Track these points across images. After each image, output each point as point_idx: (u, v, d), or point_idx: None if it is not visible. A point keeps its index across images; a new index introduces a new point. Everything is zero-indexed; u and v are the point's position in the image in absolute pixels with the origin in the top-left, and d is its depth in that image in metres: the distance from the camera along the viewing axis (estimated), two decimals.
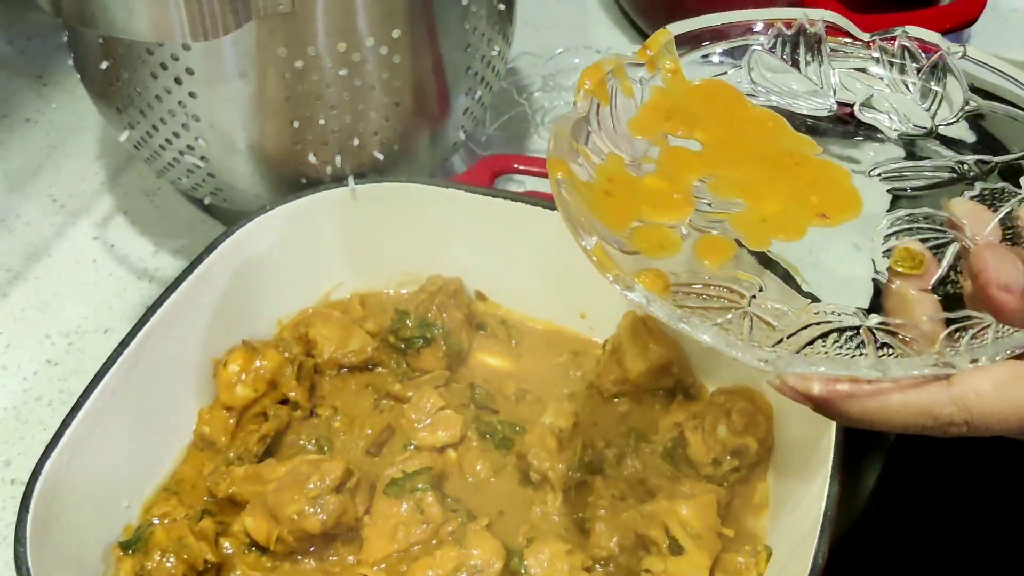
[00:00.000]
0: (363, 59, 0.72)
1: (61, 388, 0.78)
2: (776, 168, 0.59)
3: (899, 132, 0.61)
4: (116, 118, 0.77)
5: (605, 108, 0.60)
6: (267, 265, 0.75)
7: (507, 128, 0.99)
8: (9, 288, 0.84)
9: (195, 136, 0.74)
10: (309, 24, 0.69)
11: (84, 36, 0.75)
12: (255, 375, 0.71)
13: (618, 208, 0.56)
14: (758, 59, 0.64)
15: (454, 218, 0.77)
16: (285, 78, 0.71)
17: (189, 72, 0.71)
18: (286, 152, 0.75)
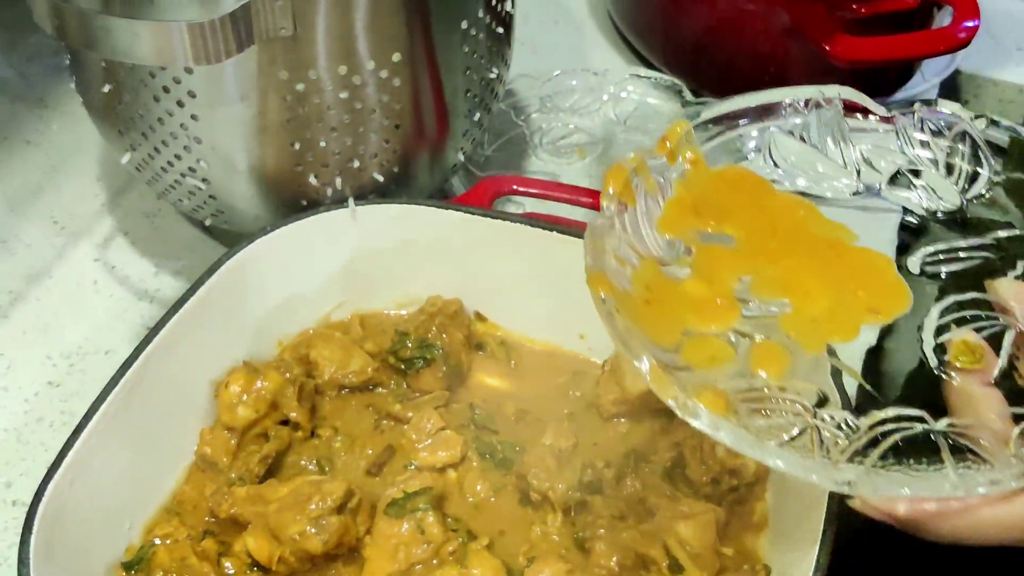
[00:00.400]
0: (363, 82, 0.73)
1: (62, 409, 0.78)
2: (816, 260, 0.57)
3: (929, 211, 0.60)
4: (118, 140, 0.78)
5: (632, 209, 0.59)
6: (268, 286, 0.75)
7: (505, 150, 0.99)
8: (10, 310, 0.85)
9: (196, 158, 0.75)
10: (310, 48, 0.70)
11: (86, 59, 0.75)
12: (256, 396, 0.71)
13: (661, 318, 0.55)
14: (777, 141, 0.62)
15: (453, 239, 0.78)
16: (286, 101, 0.72)
17: (191, 95, 0.71)
18: (287, 174, 0.75)
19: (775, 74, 0.97)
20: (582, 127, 1.02)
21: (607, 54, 1.12)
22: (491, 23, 0.78)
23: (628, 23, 1.10)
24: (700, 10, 0.98)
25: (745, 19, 0.95)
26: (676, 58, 1.04)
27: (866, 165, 0.62)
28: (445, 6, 0.74)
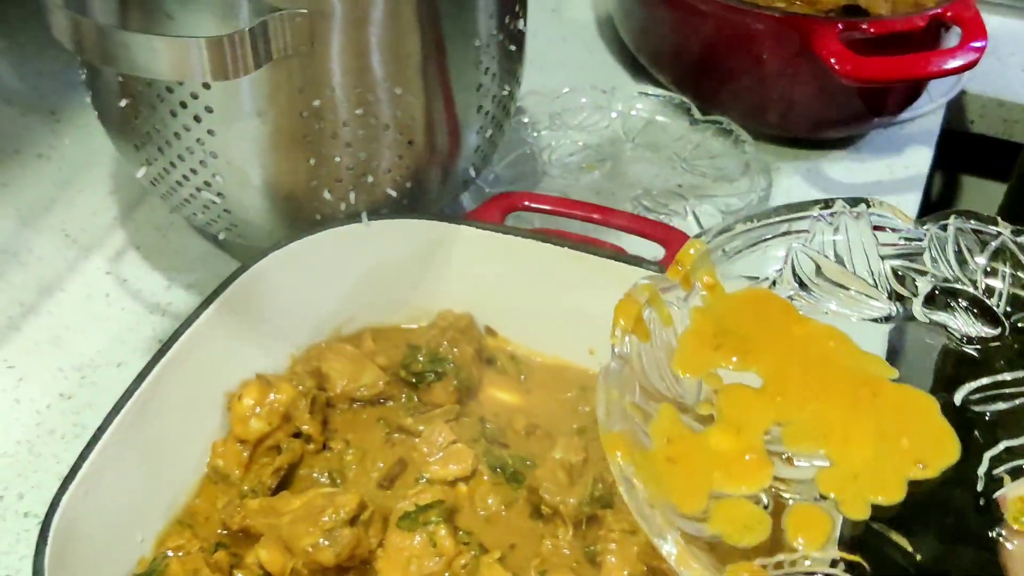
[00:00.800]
0: (378, 98, 0.73)
1: (74, 422, 0.78)
2: (853, 402, 0.52)
3: (969, 338, 0.54)
4: (133, 155, 0.78)
5: (647, 346, 0.54)
6: (280, 300, 0.76)
7: (514, 166, 1.00)
8: (22, 322, 0.85)
9: (212, 173, 0.75)
10: (326, 64, 0.70)
11: (103, 74, 0.76)
12: (269, 408, 0.71)
13: (686, 479, 0.49)
14: (801, 259, 0.57)
15: (465, 254, 0.78)
16: (302, 116, 0.72)
17: (208, 110, 0.72)
18: (301, 189, 0.76)
19: (783, 93, 0.98)
20: (591, 144, 1.03)
21: (616, 72, 1.13)
22: (504, 41, 0.79)
23: (636, 41, 1.11)
24: (708, 29, 0.98)
25: (754, 38, 0.95)
26: (685, 76, 1.05)
27: (899, 283, 0.57)
28: (459, 24, 0.74)
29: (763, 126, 1.02)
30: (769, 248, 0.58)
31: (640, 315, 0.55)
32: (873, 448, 0.50)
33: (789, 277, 0.57)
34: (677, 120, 1.04)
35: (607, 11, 1.19)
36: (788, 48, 0.94)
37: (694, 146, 1.01)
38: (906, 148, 1.05)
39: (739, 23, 0.96)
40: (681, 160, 1.01)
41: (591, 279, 0.77)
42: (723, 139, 1.01)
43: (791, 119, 1.01)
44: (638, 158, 1.02)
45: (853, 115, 1.01)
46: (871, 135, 1.06)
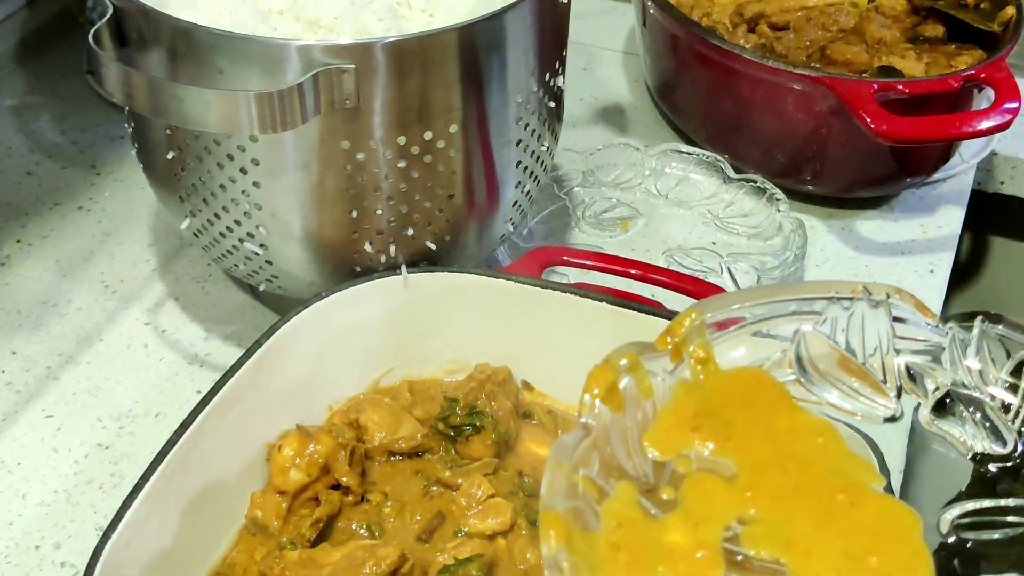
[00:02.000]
0: (421, 152, 0.74)
1: (112, 472, 0.79)
2: (827, 510, 0.48)
3: (975, 454, 0.51)
4: (177, 207, 0.79)
5: (618, 417, 0.50)
6: (320, 351, 0.76)
7: (548, 222, 1.01)
8: (61, 372, 0.86)
9: (256, 224, 0.76)
10: (371, 118, 0.71)
11: (150, 127, 0.77)
12: (309, 460, 0.71)
13: (628, 570, 0.46)
14: (808, 342, 0.53)
15: (503, 308, 0.79)
16: (346, 169, 0.73)
17: (254, 163, 0.73)
18: (343, 241, 0.77)
19: (817, 152, 0.99)
20: (624, 201, 1.03)
21: (648, 129, 1.14)
22: (544, 97, 0.80)
23: (668, 99, 1.12)
24: (742, 88, 0.99)
25: (788, 97, 0.96)
26: (718, 134, 1.06)
27: (910, 382, 0.53)
28: (501, 80, 0.75)
29: (797, 185, 1.03)
30: (774, 326, 0.54)
31: (615, 384, 0.51)
32: (836, 566, 0.46)
33: (792, 360, 0.53)
34: (710, 178, 1.04)
35: (639, 70, 1.20)
36: (822, 108, 0.95)
37: (727, 204, 1.02)
38: (938, 208, 1.06)
39: (773, 83, 0.96)
40: (715, 218, 1.01)
41: (630, 335, 0.76)
42: (757, 197, 1.01)
43: (825, 178, 1.02)
44: (671, 215, 1.02)
45: (886, 175, 1.02)
46: (904, 195, 1.06)
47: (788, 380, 0.52)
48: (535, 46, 0.76)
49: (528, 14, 0.74)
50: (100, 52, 0.68)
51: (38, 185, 1.03)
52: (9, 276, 0.93)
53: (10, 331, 0.88)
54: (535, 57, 0.77)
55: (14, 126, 1.10)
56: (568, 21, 0.82)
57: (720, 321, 0.53)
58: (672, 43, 1.06)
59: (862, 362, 0.52)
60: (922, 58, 1.00)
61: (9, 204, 1.00)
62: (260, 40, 0.68)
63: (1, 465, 0.79)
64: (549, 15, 0.77)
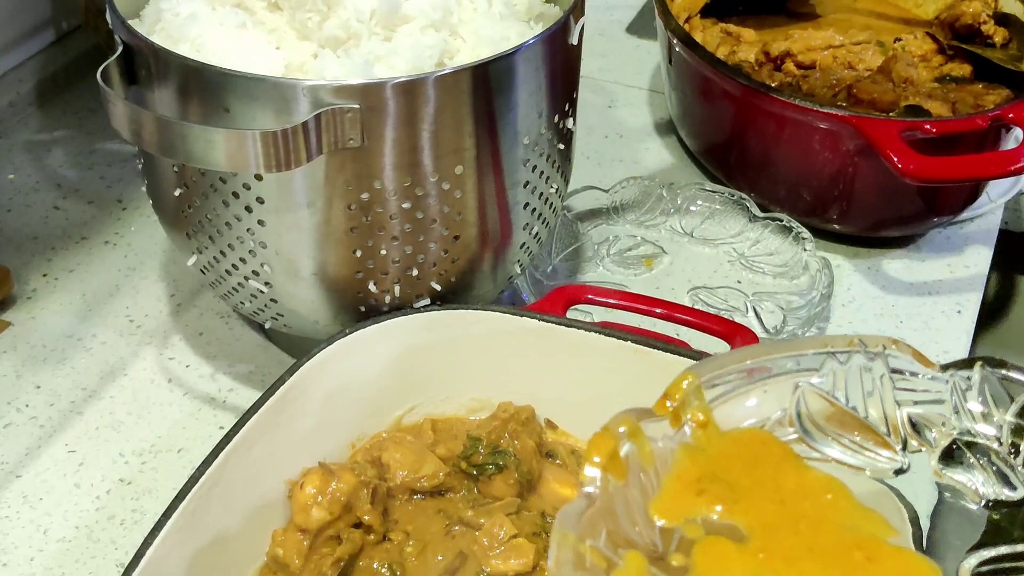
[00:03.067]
0: (426, 193, 0.74)
1: (133, 507, 0.78)
2: (844, 568, 0.47)
3: (987, 500, 0.50)
4: (185, 243, 0.80)
5: (621, 485, 0.50)
6: (343, 389, 0.76)
7: (571, 259, 1.00)
8: (84, 406, 0.86)
9: (261, 262, 0.76)
10: (377, 158, 0.71)
11: (159, 164, 0.77)
12: (331, 498, 0.71)
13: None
14: (807, 399, 0.52)
15: (527, 346, 0.78)
16: (351, 209, 0.73)
17: (259, 201, 0.73)
18: (347, 280, 0.76)
19: (843, 191, 0.98)
20: (649, 239, 1.03)
21: (673, 167, 1.14)
22: (552, 139, 0.80)
23: (694, 137, 1.11)
24: (770, 128, 0.99)
25: (815, 136, 0.96)
26: (744, 173, 1.06)
27: (914, 433, 0.52)
28: (508, 121, 0.75)
29: (823, 223, 1.02)
30: (772, 385, 0.53)
31: (616, 451, 0.50)
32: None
33: (792, 418, 0.51)
34: (736, 216, 1.04)
35: (664, 108, 1.20)
36: (849, 147, 0.94)
37: (753, 242, 1.02)
38: (966, 247, 1.05)
39: (799, 121, 0.96)
40: (740, 256, 1.01)
41: (654, 374, 0.76)
42: (783, 236, 1.01)
43: (851, 217, 1.01)
44: (696, 254, 1.02)
45: (913, 214, 1.01)
46: (931, 234, 1.06)
47: (791, 439, 0.51)
48: (545, 87, 0.76)
49: (538, 55, 0.74)
50: (108, 90, 0.69)
51: (65, 219, 1.03)
52: (35, 310, 0.94)
53: (35, 365, 0.89)
54: (544, 99, 0.77)
55: (42, 161, 1.11)
56: (579, 63, 0.82)
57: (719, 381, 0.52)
58: (697, 81, 1.06)
59: (864, 416, 0.51)
60: (949, 97, 1.00)
61: (36, 238, 1.01)
62: (268, 79, 0.68)
63: (24, 500, 0.78)
64: (560, 56, 0.77)
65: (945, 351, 0.93)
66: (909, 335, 0.95)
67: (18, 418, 0.84)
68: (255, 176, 0.72)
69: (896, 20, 1.20)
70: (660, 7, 1.09)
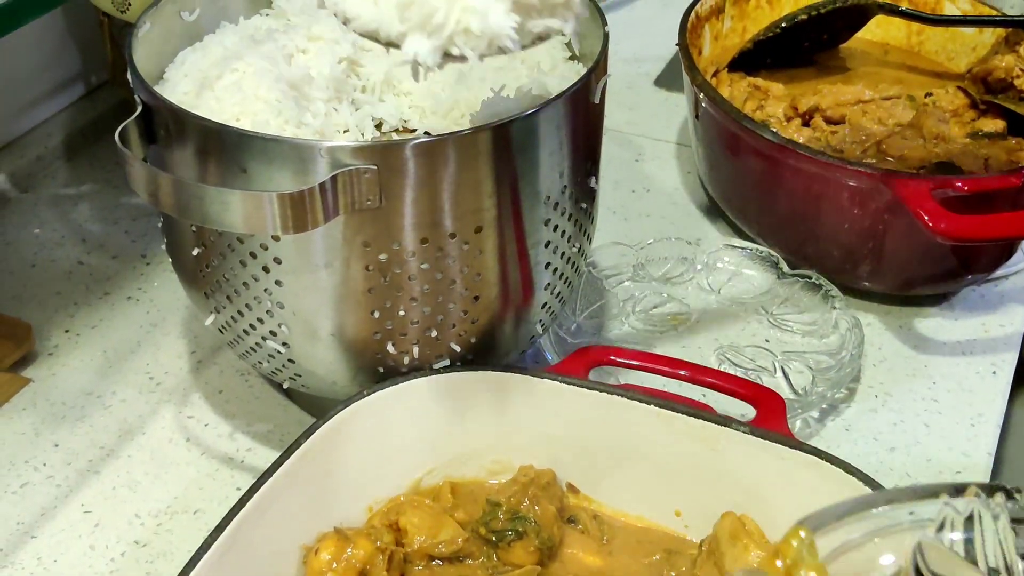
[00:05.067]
0: (445, 254, 0.73)
1: (148, 571, 0.77)
2: None
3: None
4: (203, 303, 0.79)
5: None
6: (360, 451, 0.75)
7: (596, 317, 0.99)
8: (101, 465, 0.85)
9: (278, 323, 0.75)
10: (395, 219, 0.70)
11: (177, 223, 0.77)
12: (346, 564, 0.70)
13: None
14: (925, 554, 0.50)
15: (548, 408, 0.77)
16: (368, 270, 0.72)
17: (276, 261, 0.72)
18: (365, 341, 0.75)
19: (874, 248, 0.96)
20: (675, 296, 1.02)
21: (701, 223, 1.13)
22: (574, 198, 0.78)
23: (722, 193, 1.10)
24: (798, 184, 0.97)
25: (845, 194, 0.94)
26: (772, 229, 1.04)
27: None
28: (528, 181, 0.74)
29: (853, 281, 1.00)
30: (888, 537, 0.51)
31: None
32: None
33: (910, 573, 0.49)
34: (764, 273, 1.02)
35: (692, 162, 1.19)
36: (879, 204, 0.93)
37: (782, 300, 1.00)
38: (1001, 306, 1.03)
39: (828, 178, 0.95)
40: (768, 315, 0.99)
41: (678, 438, 0.75)
42: (812, 294, 0.99)
43: (882, 275, 0.99)
44: (724, 312, 1.00)
45: (946, 272, 0.99)
46: (964, 292, 1.03)
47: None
48: (567, 146, 0.75)
49: (559, 114, 0.73)
50: (125, 151, 0.68)
51: (89, 275, 1.03)
52: (56, 367, 0.93)
53: (54, 423, 0.88)
54: (566, 158, 0.75)
55: (68, 215, 1.11)
56: (602, 121, 0.81)
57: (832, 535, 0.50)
58: (724, 136, 1.05)
59: (986, 571, 0.49)
60: (981, 153, 0.98)
61: (59, 294, 1.01)
62: (285, 140, 0.68)
63: (38, 562, 0.77)
64: (582, 115, 0.76)
65: (979, 413, 0.91)
66: (943, 396, 0.93)
67: (35, 477, 0.84)
68: (272, 237, 0.71)
69: (927, 74, 1.19)
70: (686, 61, 1.08)
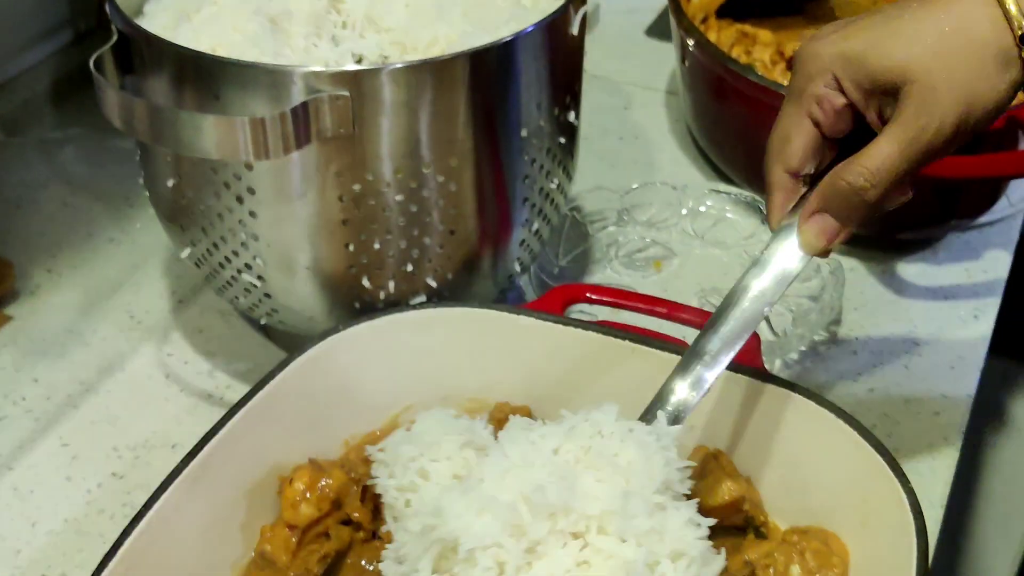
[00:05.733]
0: (420, 185, 0.73)
1: (124, 502, 0.78)
2: None
3: None
4: (179, 235, 0.79)
5: None
6: (336, 385, 0.75)
7: (579, 261, 0.99)
8: (80, 400, 0.85)
9: (253, 255, 0.75)
10: (369, 149, 0.70)
11: (154, 154, 0.77)
12: (320, 494, 0.70)
13: None
14: None
15: (524, 345, 0.77)
16: (342, 201, 0.72)
17: (250, 191, 0.72)
18: (340, 275, 0.75)
19: None
20: (659, 241, 1.01)
21: (686, 169, 1.12)
22: (553, 132, 0.78)
23: (708, 138, 1.10)
24: None
25: None
26: (757, 174, 1.03)
27: None
28: (505, 112, 0.74)
29: None
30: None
31: None
32: None
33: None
34: (748, 218, 1.02)
35: (679, 109, 1.18)
36: None
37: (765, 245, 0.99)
38: (984, 252, 1.02)
39: None
40: (751, 259, 0.99)
41: (654, 374, 0.74)
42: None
43: None
44: (707, 256, 1.00)
45: (929, 217, 0.99)
46: (948, 238, 1.03)
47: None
48: (544, 78, 0.74)
49: (536, 44, 0.72)
50: (100, 78, 0.68)
51: (72, 216, 1.03)
52: (37, 305, 0.93)
53: (34, 359, 0.88)
54: (544, 90, 0.75)
55: (52, 159, 1.11)
56: (581, 55, 0.80)
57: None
58: (711, 80, 1.04)
59: None
60: None
61: (43, 234, 1.01)
62: (260, 66, 0.68)
63: (14, 492, 0.78)
64: (560, 47, 0.75)
65: (960, 357, 0.91)
66: (924, 339, 0.92)
67: (13, 411, 0.84)
68: (245, 166, 0.71)
69: None
70: (674, 6, 1.07)
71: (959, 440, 0.84)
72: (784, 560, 0.67)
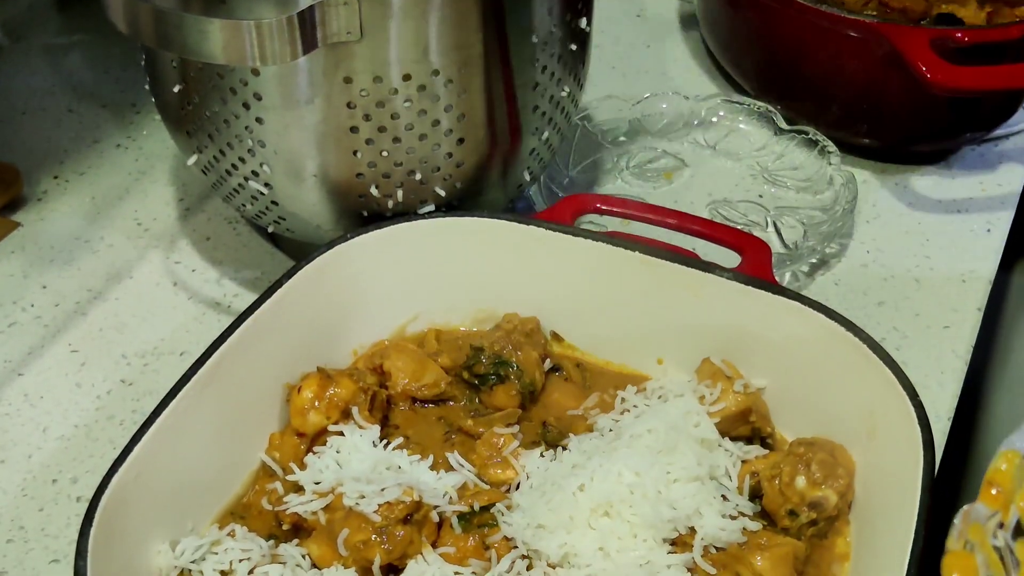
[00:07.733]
0: (428, 91, 0.71)
1: (134, 408, 0.78)
2: None
3: None
4: (186, 142, 0.78)
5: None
6: (345, 294, 0.75)
7: (590, 171, 0.98)
8: (89, 307, 0.85)
9: (260, 162, 0.74)
10: (376, 53, 0.69)
11: (160, 59, 0.76)
12: (328, 402, 0.70)
13: None
14: None
15: (533, 256, 0.76)
16: (350, 107, 0.71)
17: (257, 97, 0.71)
18: (348, 182, 0.75)
19: (872, 103, 0.95)
20: (670, 151, 1.00)
21: (699, 79, 1.11)
22: (564, 38, 0.77)
23: (721, 48, 1.08)
24: (796, 36, 0.95)
25: (843, 46, 0.92)
26: (769, 85, 1.02)
27: None
28: (515, 18, 0.72)
29: (850, 137, 0.99)
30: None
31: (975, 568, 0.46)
32: None
33: None
34: (761, 129, 1.01)
35: (693, 18, 1.16)
36: (878, 57, 0.91)
37: (777, 156, 0.98)
38: (999, 165, 1.01)
39: (828, 30, 0.92)
40: (763, 170, 0.98)
41: (663, 285, 0.74)
42: (808, 150, 0.98)
43: (880, 131, 0.98)
44: (719, 167, 0.99)
45: (944, 129, 0.97)
46: (963, 151, 1.02)
47: None
48: None
49: None
50: None
51: (78, 123, 1.02)
52: (45, 211, 0.93)
53: (42, 266, 0.88)
54: None
55: (57, 65, 1.09)
56: None
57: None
58: None
59: None
60: (984, 7, 0.96)
61: (49, 140, 1.00)
62: None
63: (24, 398, 0.78)
64: None
65: (971, 270, 0.90)
66: (935, 253, 0.92)
67: (23, 317, 0.84)
68: (252, 71, 0.70)
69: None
70: None
71: (968, 354, 0.84)
72: (790, 471, 0.67)
